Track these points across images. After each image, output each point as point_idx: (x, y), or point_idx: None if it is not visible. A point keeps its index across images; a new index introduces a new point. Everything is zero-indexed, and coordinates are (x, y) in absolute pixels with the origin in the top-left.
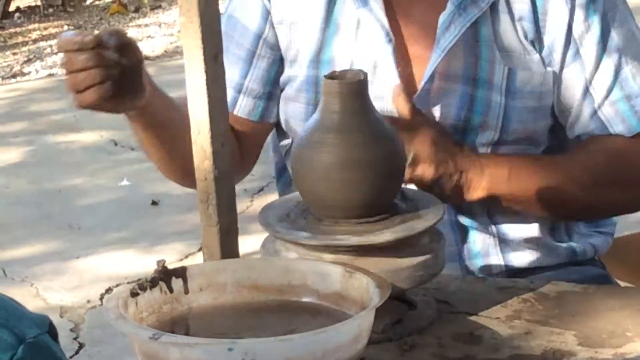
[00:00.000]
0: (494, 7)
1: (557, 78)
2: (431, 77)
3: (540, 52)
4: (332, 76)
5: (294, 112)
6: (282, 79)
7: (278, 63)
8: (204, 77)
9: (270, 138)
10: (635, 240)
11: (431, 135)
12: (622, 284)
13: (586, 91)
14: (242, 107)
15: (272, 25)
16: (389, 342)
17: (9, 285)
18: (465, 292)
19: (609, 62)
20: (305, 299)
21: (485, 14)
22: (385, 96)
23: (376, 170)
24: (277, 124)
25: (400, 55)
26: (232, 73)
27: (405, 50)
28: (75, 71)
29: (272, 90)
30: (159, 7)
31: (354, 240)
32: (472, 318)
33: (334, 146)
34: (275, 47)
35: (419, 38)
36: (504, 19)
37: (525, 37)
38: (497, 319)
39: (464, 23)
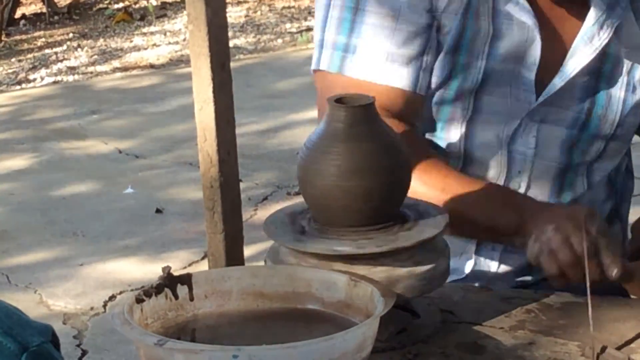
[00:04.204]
0: None
1: None
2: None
3: None
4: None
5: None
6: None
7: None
8: (211, 85)
9: None
10: None
11: None
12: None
13: None
14: (421, 84)
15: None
16: (392, 351)
17: (13, 292)
18: (470, 302)
19: None
20: (310, 307)
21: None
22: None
23: (382, 179)
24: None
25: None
26: (409, 49)
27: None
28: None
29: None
30: (165, 15)
31: (354, 249)
32: (476, 328)
33: (340, 155)
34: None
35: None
36: (627, 15)
37: None
38: (501, 329)
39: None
